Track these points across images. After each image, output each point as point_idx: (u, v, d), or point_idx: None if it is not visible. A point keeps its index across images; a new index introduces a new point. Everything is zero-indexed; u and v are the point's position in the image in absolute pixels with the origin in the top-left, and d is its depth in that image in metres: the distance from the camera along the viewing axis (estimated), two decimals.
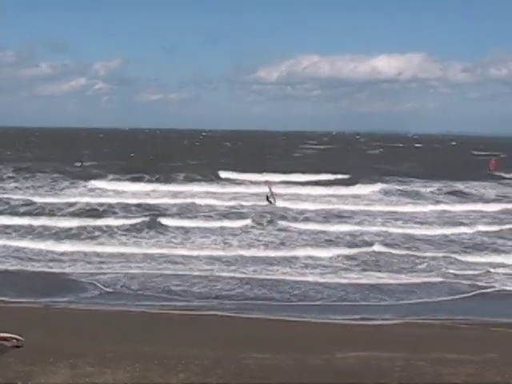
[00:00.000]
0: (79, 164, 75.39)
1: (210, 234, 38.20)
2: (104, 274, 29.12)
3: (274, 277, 29.08)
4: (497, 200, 53.67)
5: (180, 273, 29.51)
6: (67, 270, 29.77)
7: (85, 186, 56.07)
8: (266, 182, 55.11)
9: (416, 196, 54.94)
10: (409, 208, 48.72)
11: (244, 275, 29.27)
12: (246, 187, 57.34)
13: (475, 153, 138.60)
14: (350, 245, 35.97)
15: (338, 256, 33.09)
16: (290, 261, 32.04)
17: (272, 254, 33.34)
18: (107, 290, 26.75)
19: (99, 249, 33.85)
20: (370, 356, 16.90)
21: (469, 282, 28.82)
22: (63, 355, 15.81)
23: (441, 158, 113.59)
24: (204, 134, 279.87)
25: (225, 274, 29.39)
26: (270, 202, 48.96)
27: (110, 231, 38.50)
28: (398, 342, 19.26)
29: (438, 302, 25.96)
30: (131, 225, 39.95)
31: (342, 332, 20.81)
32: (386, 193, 55.64)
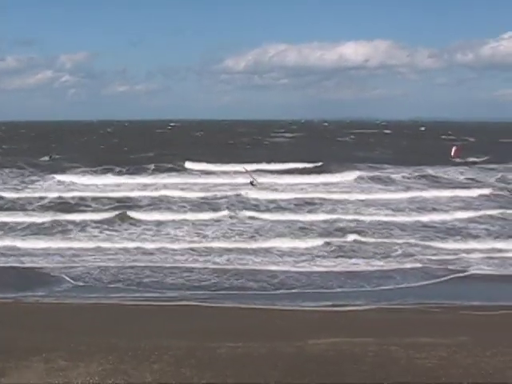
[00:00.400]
0: (48, 158, 74.84)
1: (183, 225, 38.13)
2: (76, 267, 29.01)
3: (247, 267, 29.14)
4: (467, 185, 54.10)
5: (152, 264, 29.48)
6: (39, 265, 29.59)
7: (55, 180, 55.65)
8: (245, 170, 55.67)
9: (389, 182, 55.18)
10: (382, 195, 48.95)
11: (217, 266, 29.30)
12: (216, 177, 57.15)
13: (444, 137, 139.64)
14: (325, 233, 36.10)
15: (313, 244, 33.18)
16: (264, 250, 32.08)
17: (246, 244, 33.35)
18: (79, 283, 26.66)
19: (71, 243, 33.68)
20: (342, 342, 17.02)
21: (442, 267, 29.07)
22: (36, 350, 15.75)
23: (411, 145, 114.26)
24: (172, 124, 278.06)
25: (198, 265, 29.39)
26: (254, 185, 50.07)
27: (82, 224, 38.31)
28: (371, 327, 19.43)
29: (411, 288, 26.16)
30: (103, 218, 39.78)
31: (314, 319, 20.95)
32: (359, 180, 55.76)
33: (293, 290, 25.62)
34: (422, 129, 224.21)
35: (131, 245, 33.14)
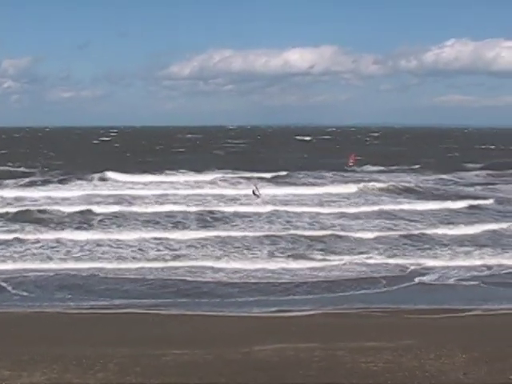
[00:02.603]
0: None
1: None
2: (16, 277, 28.48)
3: (180, 277, 28.88)
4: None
5: (96, 273, 29.16)
6: None
7: None
8: (252, 180, 56.41)
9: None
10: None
11: (162, 275, 29.09)
12: (131, 188, 55.20)
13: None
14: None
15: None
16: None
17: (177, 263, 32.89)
18: (21, 292, 26.24)
19: None
20: (287, 347, 17.09)
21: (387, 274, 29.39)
22: None
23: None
24: (115, 131, 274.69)
25: (142, 276, 29.16)
26: (256, 195, 50.13)
27: None
28: (316, 332, 19.55)
29: (355, 293, 26.33)
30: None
31: (259, 325, 20.99)
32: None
33: (236, 297, 25.60)
34: (376, 134, 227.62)
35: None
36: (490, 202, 49.39)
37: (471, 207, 46.97)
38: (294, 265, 30.43)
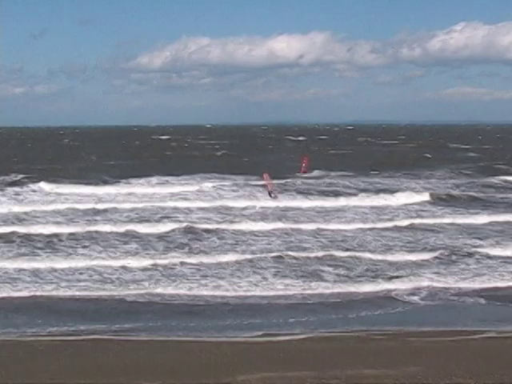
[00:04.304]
0: None
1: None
2: None
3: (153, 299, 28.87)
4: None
5: (53, 294, 29.07)
6: None
7: None
8: (265, 178, 56.00)
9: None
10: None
11: (130, 296, 29.05)
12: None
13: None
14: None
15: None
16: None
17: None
18: None
19: None
20: (276, 377, 17.08)
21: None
22: None
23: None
24: (61, 132, 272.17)
25: (105, 294, 29.10)
26: (272, 196, 50.07)
27: None
28: (308, 358, 19.54)
29: (352, 314, 26.36)
30: None
31: (243, 351, 20.95)
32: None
33: (215, 320, 25.59)
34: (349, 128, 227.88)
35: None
36: None
37: None
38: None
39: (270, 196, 51.46)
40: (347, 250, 36.66)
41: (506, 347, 21.18)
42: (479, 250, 36.27)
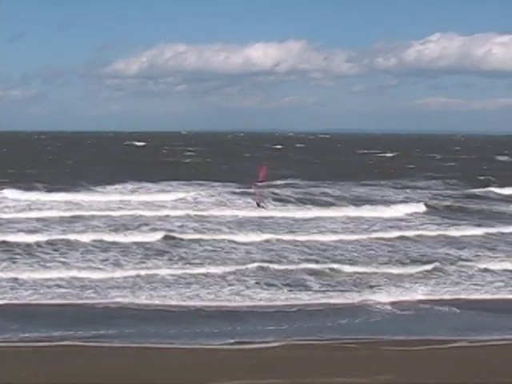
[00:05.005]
0: None
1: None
2: None
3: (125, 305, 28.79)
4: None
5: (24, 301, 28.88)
6: None
7: None
8: (254, 186, 54.99)
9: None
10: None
11: (103, 300, 28.94)
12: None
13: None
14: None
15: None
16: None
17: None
18: None
19: None
20: None
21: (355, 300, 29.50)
22: None
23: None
24: (36, 137, 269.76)
25: (80, 302, 28.96)
26: (261, 207, 49.26)
27: None
28: (280, 366, 19.54)
29: (326, 323, 26.37)
30: None
31: (215, 359, 20.93)
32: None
33: (191, 327, 25.53)
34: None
35: None
36: None
37: None
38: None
39: (259, 206, 50.25)
40: (324, 261, 36.54)
41: (477, 356, 21.29)
42: (461, 262, 36.28)
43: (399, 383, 17.17)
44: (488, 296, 30.51)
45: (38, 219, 47.02)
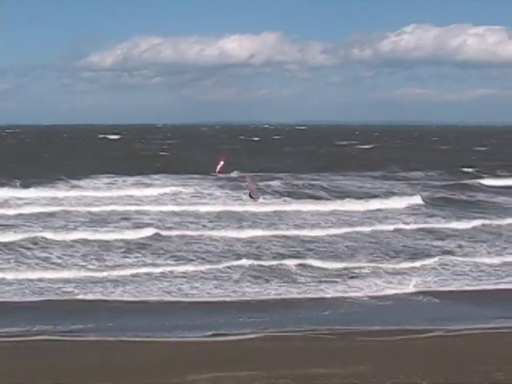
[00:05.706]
0: None
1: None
2: None
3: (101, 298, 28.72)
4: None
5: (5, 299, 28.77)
6: None
7: None
8: (246, 178, 54.77)
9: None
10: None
11: (83, 296, 28.88)
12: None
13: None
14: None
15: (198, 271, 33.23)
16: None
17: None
18: None
19: None
20: (225, 376, 17.10)
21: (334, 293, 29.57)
22: None
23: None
24: (8, 130, 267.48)
25: (58, 298, 28.86)
26: (253, 198, 49.13)
27: None
28: (257, 358, 19.58)
29: (302, 314, 26.43)
30: None
31: (193, 351, 20.94)
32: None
33: (168, 320, 25.53)
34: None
35: None
36: None
37: None
38: None
39: (251, 197, 50.20)
40: (304, 254, 36.54)
41: (453, 346, 21.42)
42: (443, 255, 36.15)
43: (376, 373, 17.24)
44: (468, 287, 30.68)
45: (16, 216, 46.27)
